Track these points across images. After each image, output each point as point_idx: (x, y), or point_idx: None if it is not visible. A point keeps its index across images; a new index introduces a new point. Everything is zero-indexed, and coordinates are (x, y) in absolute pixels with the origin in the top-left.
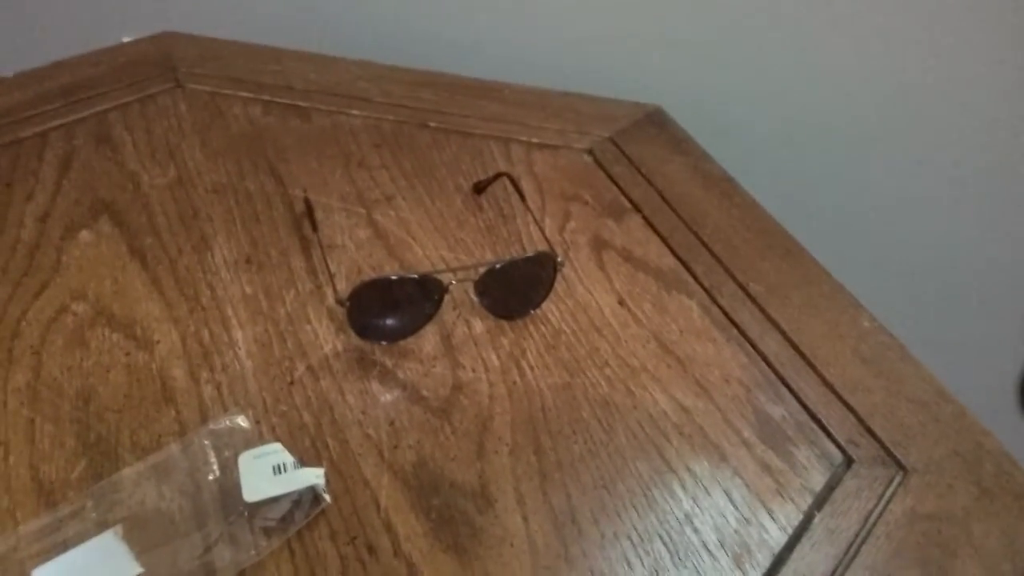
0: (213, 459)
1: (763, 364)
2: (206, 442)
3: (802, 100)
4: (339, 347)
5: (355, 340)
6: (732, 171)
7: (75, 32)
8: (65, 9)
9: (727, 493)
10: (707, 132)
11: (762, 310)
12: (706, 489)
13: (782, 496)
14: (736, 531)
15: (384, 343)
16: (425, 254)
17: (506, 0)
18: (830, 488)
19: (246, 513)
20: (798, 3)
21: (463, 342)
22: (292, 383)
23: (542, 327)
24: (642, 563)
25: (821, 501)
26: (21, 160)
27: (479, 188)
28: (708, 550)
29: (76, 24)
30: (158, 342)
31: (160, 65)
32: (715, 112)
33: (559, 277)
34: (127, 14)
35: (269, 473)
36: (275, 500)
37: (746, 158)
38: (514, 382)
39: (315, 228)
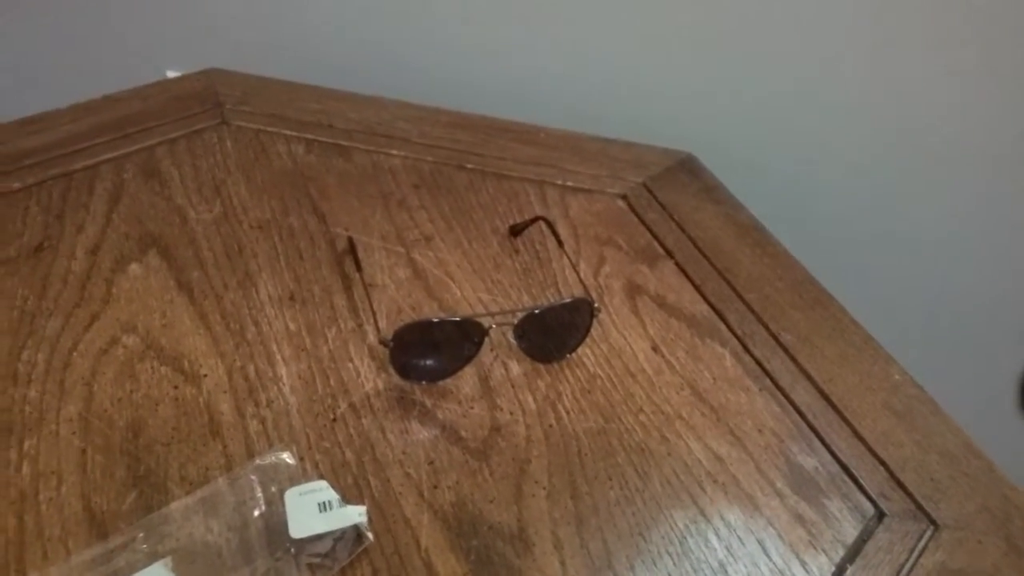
0: (259, 494)
1: (795, 415)
2: (253, 477)
3: (832, 149)
4: (380, 386)
5: (395, 379)
6: (760, 218)
7: (122, 65)
8: (113, 43)
9: (760, 543)
10: (737, 179)
11: (794, 360)
12: (740, 538)
13: (815, 547)
14: None
15: (424, 383)
16: (463, 295)
17: (542, 46)
18: (862, 541)
19: (292, 549)
20: (831, 52)
21: (501, 384)
22: (335, 420)
23: (577, 371)
24: None
25: (853, 554)
26: (72, 192)
27: (516, 231)
28: None
29: (124, 57)
30: (205, 376)
31: (206, 101)
32: (745, 160)
33: (594, 322)
34: (173, 49)
35: (315, 510)
36: (319, 537)
37: (775, 206)
38: (550, 425)
39: (359, 268)
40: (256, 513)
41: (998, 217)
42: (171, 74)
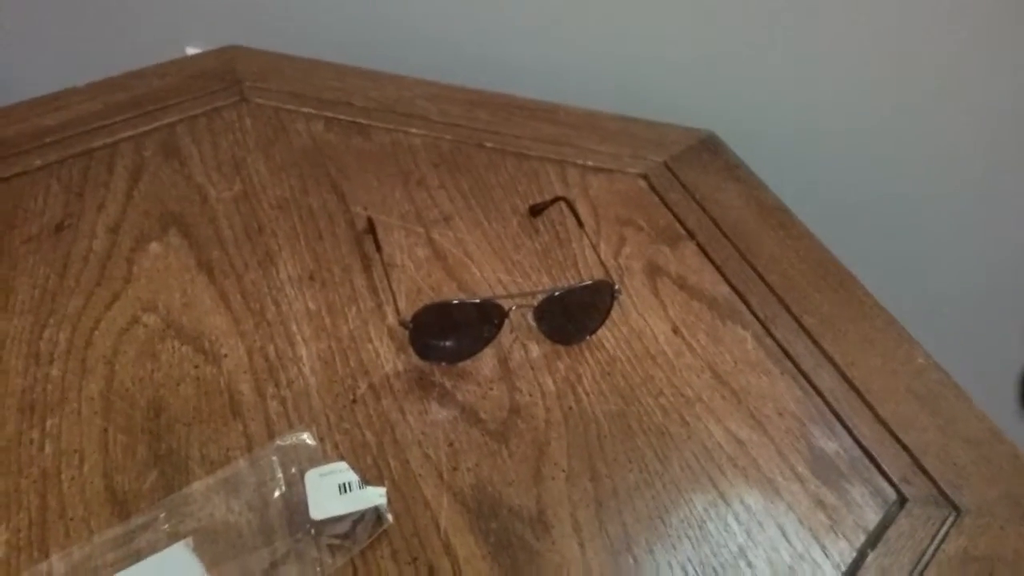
0: (280, 475)
1: (817, 398)
2: (273, 458)
3: (854, 126)
4: (399, 367)
5: (415, 360)
6: (783, 197)
7: (142, 43)
8: (132, 20)
9: (781, 528)
10: (759, 158)
11: (816, 343)
12: (760, 523)
13: (835, 533)
14: (790, 567)
15: (444, 364)
16: (483, 275)
17: (562, 23)
18: (884, 526)
19: (312, 530)
20: (853, 30)
21: (520, 366)
22: (355, 401)
23: (597, 353)
24: None
25: (875, 539)
26: (92, 170)
27: (535, 211)
28: None
29: (143, 35)
30: (226, 356)
31: (225, 79)
32: (768, 138)
33: (614, 303)
34: (192, 26)
35: (335, 491)
36: (339, 518)
37: (797, 184)
38: (570, 408)
39: (379, 248)
40: (276, 494)
41: (999, 214)
42: (191, 51)
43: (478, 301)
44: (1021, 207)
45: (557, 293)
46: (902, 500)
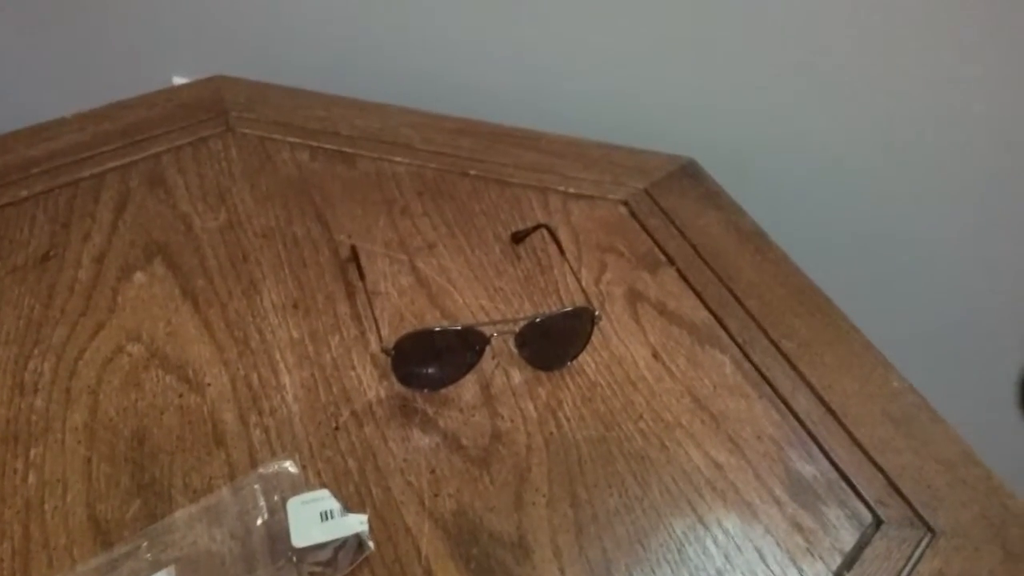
0: (262, 503)
1: (794, 422)
2: (256, 486)
3: (834, 152)
4: (382, 394)
5: (397, 387)
6: (762, 223)
7: (130, 72)
8: (121, 50)
9: (759, 551)
10: (739, 184)
11: (794, 367)
12: (738, 546)
13: (812, 555)
14: None
15: (426, 391)
16: (465, 302)
17: (546, 52)
18: (859, 548)
19: (294, 558)
20: (834, 55)
21: (502, 392)
22: (337, 428)
23: (578, 379)
24: None
25: (851, 561)
26: (78, 200)
27: (517, 238)
28: None
29: (131, 64)
30: (209, 385)
31: (211, 109)
32: (747, 165)
33: (595, 329)
34: (180, 55)
35: (317, 519)
36: (321, 546)
37: (776, 210)
38: (551, 433)
39: (362, 276)
40: (259, 522)
41: (998, 218)
42: (178, 80)
43: (460, 328)
44: (1020, 207)
45: (538, 319)
46: (878, 522)
